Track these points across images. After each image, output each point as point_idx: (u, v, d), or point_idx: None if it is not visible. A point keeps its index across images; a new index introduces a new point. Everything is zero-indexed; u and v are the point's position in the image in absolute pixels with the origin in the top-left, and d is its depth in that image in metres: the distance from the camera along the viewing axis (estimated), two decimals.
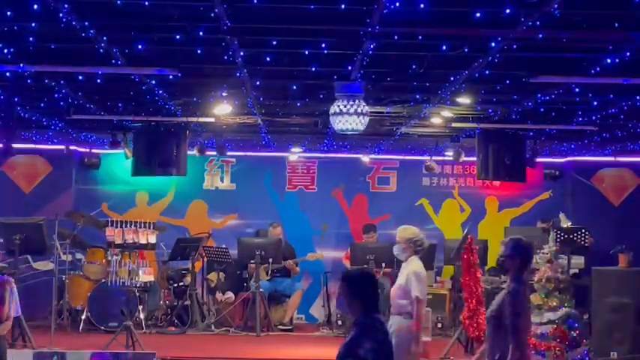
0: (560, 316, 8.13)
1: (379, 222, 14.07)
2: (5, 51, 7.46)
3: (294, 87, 9.11)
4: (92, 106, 10.35)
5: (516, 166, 11.41)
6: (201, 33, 6.85)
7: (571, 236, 11.16)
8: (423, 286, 7.00)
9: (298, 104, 10.11)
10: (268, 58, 7.77)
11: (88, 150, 14.39)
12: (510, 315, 5.63)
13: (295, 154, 14.57)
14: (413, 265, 7.09)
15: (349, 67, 8.01)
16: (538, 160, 12.94)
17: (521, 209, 14.74)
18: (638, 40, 6.75)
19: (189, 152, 11.63)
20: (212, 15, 6.31)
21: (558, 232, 10.91)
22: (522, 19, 6.22)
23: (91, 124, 11.81)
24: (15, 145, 12.49)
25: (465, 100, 9.61)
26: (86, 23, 6.54)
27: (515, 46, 7.05)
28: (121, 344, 9.83)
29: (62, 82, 8.93)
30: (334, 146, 13.74)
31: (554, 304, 8.18)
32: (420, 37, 6.86)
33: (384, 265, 11.89)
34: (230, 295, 12.64)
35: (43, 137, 13.21)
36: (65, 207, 13.41)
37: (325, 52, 7.37)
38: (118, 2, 6.14)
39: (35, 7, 6.13)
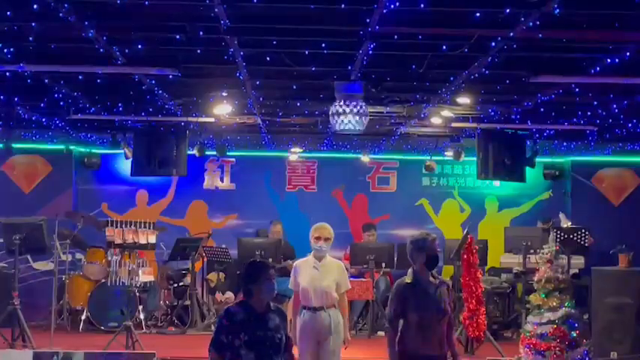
0: (560, 316, 8.11)
1: (379, 222, 14.07)
2: (5, 51, 7.46)
3: (294, 87, 9.11)
4: (92, 106, 10.35)
5: (516, 166, 11.41)
6: (201, 33, 6.86)
7: (571, 236, 11.15)
8: None
9: (298, 104, 10.11)
10: (268, 58, 7.77)
11: (88, 150, 14.39)
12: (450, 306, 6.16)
13: (295, 154, 14.56)
14: (336, 260, 7.56)
15: (349, 67, 8.01)
16: (538, 160, 12.93)
17: (521, 209, 14.74)
18: (638, 40, 6.75)
19: (189, 152, 11.64)
20: (212, 15, 6.31)
21: (558, 232, 10.91)
22: (522, 19, 6.22)
23: (91, 124, 11.81)
24: (15, 145, 12.52)
25: (465, 100, 9.61)
26: (86, 23, 6.54)
27: (515, 46, 7.05)
28: (121, 344, 9.83)
29: (62, 82, 8.94)
30: (334, 146, 13.75)
31: (554, 304, 8.15)
32: (420, 37, 6.86)
33: (383, 265, 11.89)
34: (230, 295, 12.62)
35: (43, 137, 13.21)
36: (65, 207, 13.41)
37: (325, 52, 7.37)
38: (118, 2, 6.14)
39: (35, 7, 6.13)
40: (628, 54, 7.08)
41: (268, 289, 5.34)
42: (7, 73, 8.29)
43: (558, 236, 10.61)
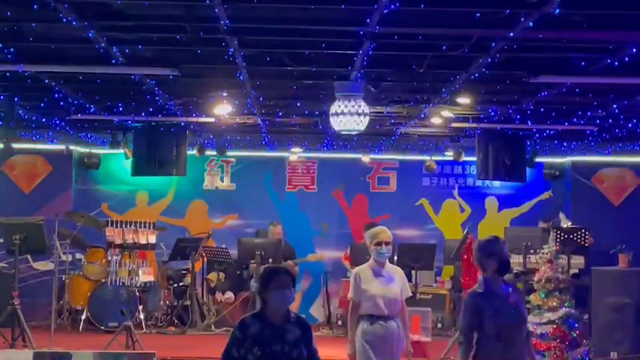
0: (560, 316, 8.13)
1: (379, 222, 14.06)
2: (5, 51, 7.47)
3: (294, 87, 9.11)
4: (92, 106, 10.36)
5: (516, 166, 11.41)
6: (201, 33, 6.86)
7: (571, 236, 11.14)
8: None
9: (298, 104, 10.11)
10: (268, 58, 7.77)
11: (88, 150, 14.39)
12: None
13: (295, 154, 14.57)
14: (396, 266, 7.18)
15: (349, 67, 8.01)
16: (538, 160, 12.92)
17: (521, 209, 14.73)
18: (638, 40, 6.75)
19: (189, 152, 11.63)
20: (212, 15, 6.31)
21: (558, 232, 10.90)
22: (522, 19, 6.22)
23: (91, 124, 11.81)
24: (15, 145, 12.51)
25: (465, 100, 9.61)
26: (86, 23, 6.54)
27: (515, 46, 7.06)
28: (121, 344, 9.83)
29: (62, 82, 8.94)
30: (334, 146, 13.74)
31: (554, 304, 8.18)
32: (420, 37, 6.86)
33: None
34: (230, 295, 12.63)
35: (43, 137, 13.20)
36: (65, 207, 13.40)
37: (325, 52, 7.37)
38: (118, 2, 6.15)
39: (35, 7, 6.14)
40: (628, 54, 7.08)
41: (279, 297, 4.85)
42: (7, 73, 8.29)
43: (558, 236, 10.61)
